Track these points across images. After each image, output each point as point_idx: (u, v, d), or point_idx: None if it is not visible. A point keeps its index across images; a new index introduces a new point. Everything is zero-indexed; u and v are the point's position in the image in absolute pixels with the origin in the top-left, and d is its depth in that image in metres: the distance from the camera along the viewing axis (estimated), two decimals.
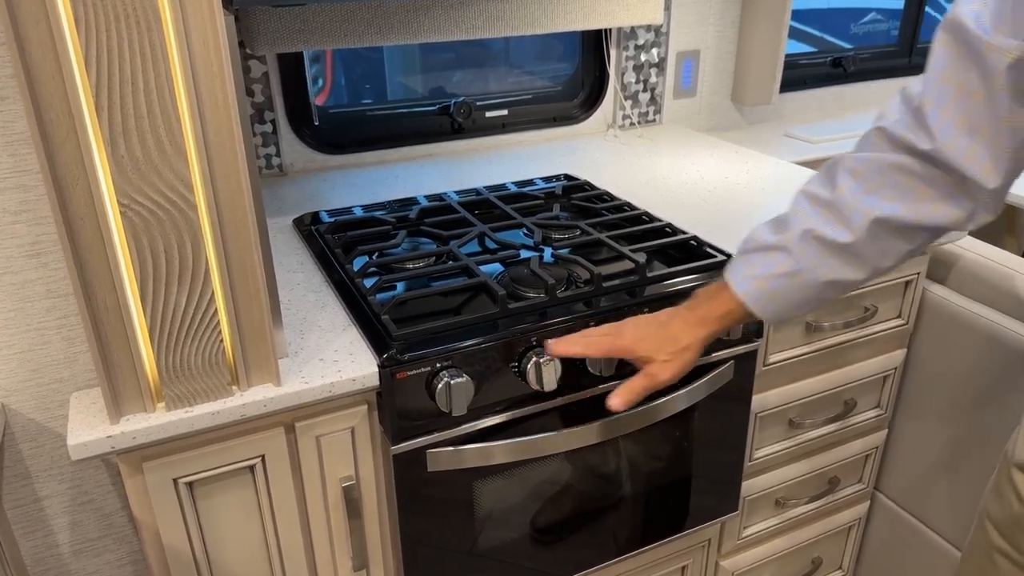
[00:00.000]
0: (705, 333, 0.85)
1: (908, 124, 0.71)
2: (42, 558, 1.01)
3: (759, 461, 1.26)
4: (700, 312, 0.85)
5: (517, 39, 1.70)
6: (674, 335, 0.85)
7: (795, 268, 0.78)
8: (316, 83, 1.94)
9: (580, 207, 1.30)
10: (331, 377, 0.86)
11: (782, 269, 0.79)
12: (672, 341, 0.85)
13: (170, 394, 0.80)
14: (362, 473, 0.94)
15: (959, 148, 0.69)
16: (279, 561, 0.94)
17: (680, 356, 0.85)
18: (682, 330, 0.85)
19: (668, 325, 0.86)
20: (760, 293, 0.81)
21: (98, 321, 0.75)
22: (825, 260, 0.77)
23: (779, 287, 0.80)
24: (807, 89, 2.01)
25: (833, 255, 0.77)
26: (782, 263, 0.79)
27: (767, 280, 0.80)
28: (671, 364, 0.85)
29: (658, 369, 0.85)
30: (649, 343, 0.86)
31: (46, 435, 0.94)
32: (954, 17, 0.68)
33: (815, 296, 0.80)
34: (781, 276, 0.79)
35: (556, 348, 0.91)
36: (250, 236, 0.77)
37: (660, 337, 0.85)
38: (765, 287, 0.80)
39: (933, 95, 0.69)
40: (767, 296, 0.81)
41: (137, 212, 0.72)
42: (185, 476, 0.84)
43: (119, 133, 0.69)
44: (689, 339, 0.85)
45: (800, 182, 1.41)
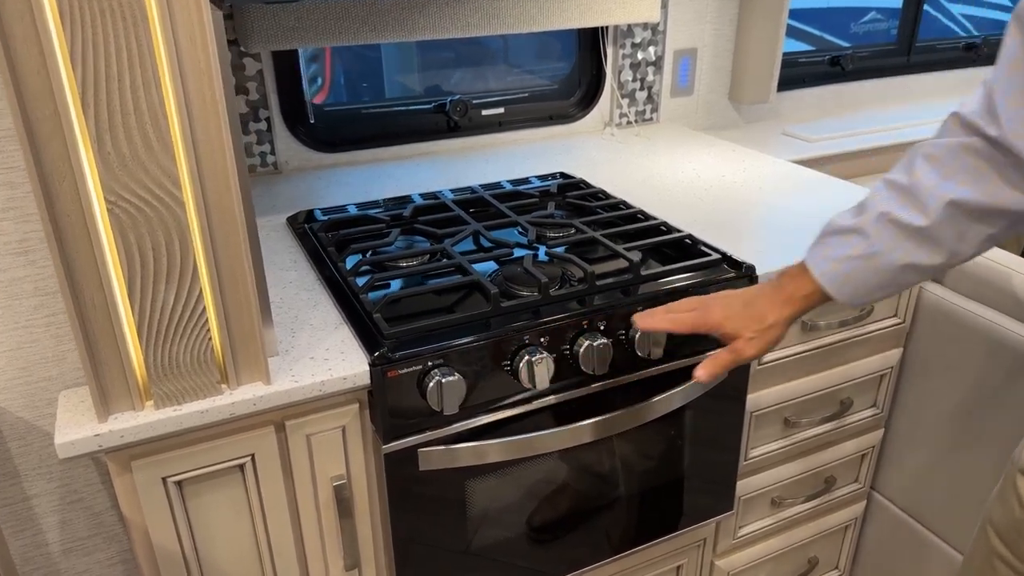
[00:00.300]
0: (790, 312, 0.85)
1: (980, 110, 0.73)
2: (31, 557, 1.00)
3: (754, 460, 1.25)
4: (785, 291, 0.85)
5: (514, 38, 1.69)
6: (760, 313, 0.86)
7: (870, 251, 0.79)
8: (315, 82, 1.94)
9: (575, 205, 1.29)
10: (322, 376, 0.86)
11: (857, 251, 0.80)
12: (758, 319, 0.86)
13: (158, 392, 0.79)
14: (353, 472, 0.94)
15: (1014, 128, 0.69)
16: (270, 560, 0.93)
17: (766, 334, 0.86)
18: (768, 308, 0.86)
19: (754, 303, 0.87)
20: (836, 275, 0.81)
21: (85, 319, 0.74)
22: (901, 243, 0.78)
23: (854, 269, 0.80)
24: (805, 88, 2.00)
25: (909, 238, 0.77)
26: (857, 245, 0.80)
27: (842, 262, 0.81)
28: (756, 341, 0.86)
29: (744, 345, 0.86)
30: (736, 321, 0.87)
31: (34, 433, 0.93)
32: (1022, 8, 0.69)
33: (892, 280, 0.80)
34: (856, 258, 0.80)
35: (643, 322, 0.92)
36: (239, 233, 0.77)
37: (747, 315, 0.86)
38: (840, 269, 0.81)
39: (1002, 83, 0.70)
40: (843, 278, 0.81)
41: (124, 209, 0.71)
42: (174, 475, 0.84)
43: (105, 130, 0.69)
44: (775, 317, 0.85)
45: (797, 181, 1.41)
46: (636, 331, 1.00)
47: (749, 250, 1.14)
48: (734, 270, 1.07)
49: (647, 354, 1.01)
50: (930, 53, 2.20)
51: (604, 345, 0.97)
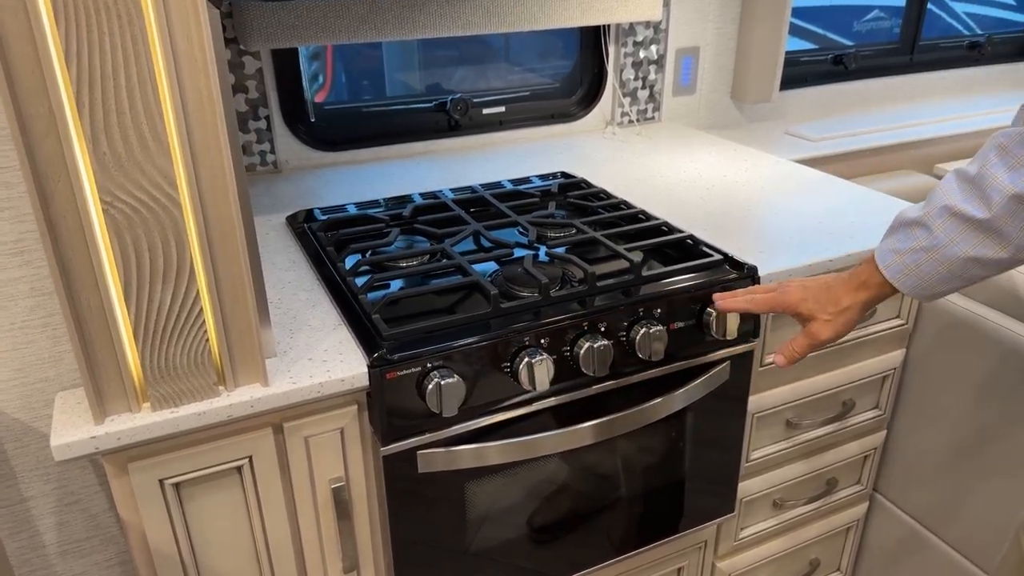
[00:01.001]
0: (865, 297, 0.86)
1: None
2: (28, 559, 1.00)
3: (756, 462, 1.24)
4: (859, 278, 0.86)
5: (515, 37, 1.68)
6: (836, 296, 0.87)
7: (932, 243, 0.79)
8: (316, 80, 1.93)
9: (576, 205, 1.28)
10: (320, 377, 0.85)
11: (920, 244, 0.80)
12: (834, 302, 0.87)
13: (155, 394, 0.79)
14: (352, 474, 0.93)
15: None
16: (268, 563, 0.93)
17: (840, 316, 0.87)
18: (843, 292, 0.87)
19: (831, 287, 0.88)
20: (900, 267, 0.82)
21: (81, 320, 0.74)
22: (964, 236, 0.77)
23: (917, 261, 0.80)
24: (808, 87, 1.99)
25: (972, 231, 0.76)
26: (920, 238, 0.80)
27: (906, 255, 0.81)
28: (831, 324, 0.87)
29: (819, 328, 0.88)
30: (812, 303, 0.88)
31: (31, 435, 0.93)
32: None
33: (957, 273, 0.79)
34: (919, 251, 0.80)
35: (723, 303, 0.94)
36: (236, 234, 0.76)
37: (823, 298, 0.88)
38: (904, 261, 0.81)
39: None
40: (906, 270, 0.81)
41: (120, 210, 0.71)
42: (171, 477, 0.83)
43: (101, 130, 0.68)
44: (850, 301, 0.86)
45: (799, 181, 1.41)
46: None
47: (751, 251, 1.13)
48: (736, 271, 1.06)
49: (648, 356, 1.00)
50: (934, 52, 2.19)
51: (605, 346, 0.96)
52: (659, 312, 1.01)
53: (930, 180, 1.83)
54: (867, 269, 0.85)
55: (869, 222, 1.22)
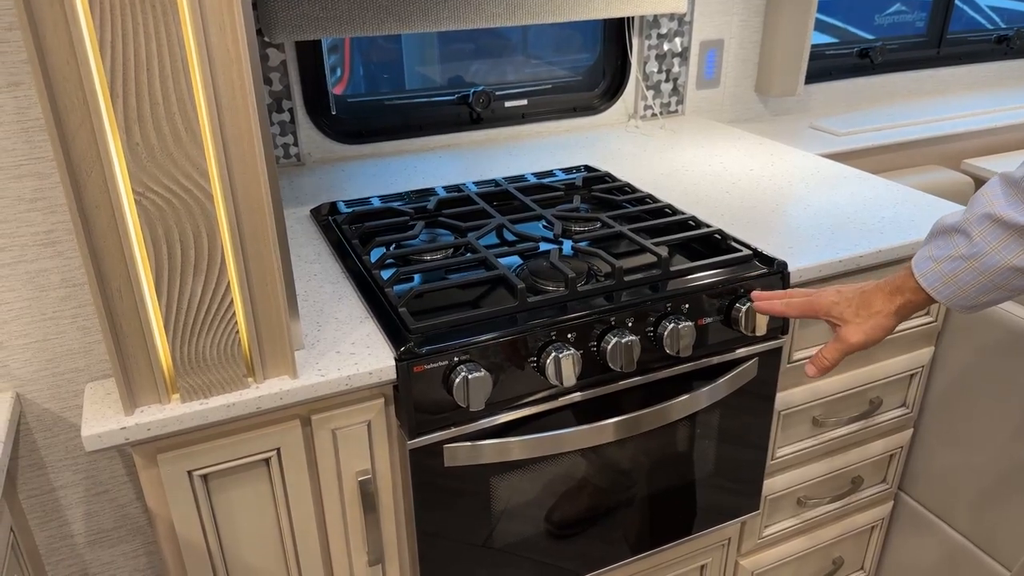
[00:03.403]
0: (899, 302, 0.84)
1: None
2: (56, 548, 1.00)
3: (781, 460, 1.23)
4: (895, 284, 0.84)
5: (538, 30, 1.67)
6: (869, 300, 0.85)
7: (972, 251, 0.76)
8: (334, 73, 1.92)
9: (601, 199, 1.27)
10: (348, 370, 0.85)
11: (959, 251, 0.77)
12: (866, 306, 0.85)
13: (185, 386, 0.79)
14: (378, 467, 0.93)
15: None
16: (294, 555, 0.93)
17: (871, 319, 0.85)
18: (876, 296, 0.85)
19: (865, 292, 0.86)
20: (937, 275, 0.79)
21: (112, 311, 0.74)
22: (1006, 244, 0.74)
23: (956, 270, 0.78)
24: (833, 80, 1.97)
25: (1015, 239, 0.73)
26: (959, 245, 0.77)
27: (944, 263, 0.78)
28: (862, 327, 0.85)
29: (849, 332, 0.86)
30: (844, 307, 0.87)
31: (61, 425, 0.93)
32: None
33: (998, 283, 0.76)
34: (958, 259, 0.77)
35: (760, 304, 0.93)
36: (267, 226, 0.76)
37: (856, 302, 0.86)
38: (941, 269, 0.79)
39: None
40: (944, 278, 0.79)
41: (152, 201, 0.71)
42: (200, 469, 0.83)
43: (134, 120, 0.68)
44: (882, 306, 0.84)
45: (826, 175, 1.39)
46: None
47: (780, 246, 1.11)
48: (765, 266, 1.05)
49: (676, 352, 0.99)
50: (961, 45, 2.16)
51: (632, 342, 0.95)
52: (687, 307, 1.00)
53: (957, 176, 1.80)
54: (903, 276, 0.83)
55: (900, 218, 1.21)
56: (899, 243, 1.13)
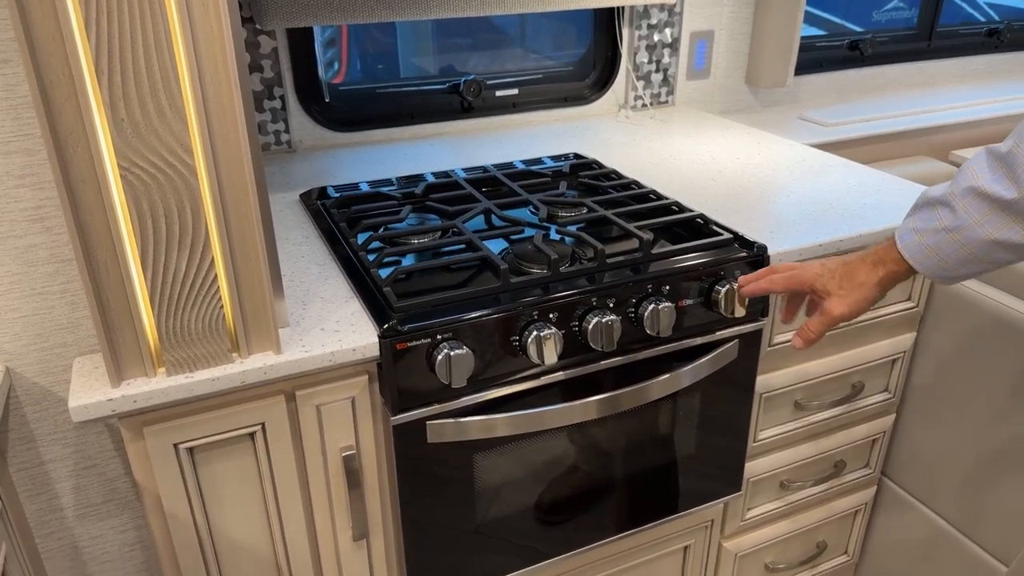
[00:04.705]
0: (882, 273, 0.85)
1: None
2: (46, 521, 1.02)
3: (763, 442, 1.25)
4: (878, 255, 0.85)
5: (529, 20, 1.69)
6: (852, 271, 0.86)
7: (955, 224, 0.77)
8: (332, 68, 1.94)
9: (587, 185, 1.29)
10: (332, 346, 0.87)
11: (942, 224, 0.78)
12: (849, 277, 0.86)
13: (171, 359, 0.80)
14: (363, 444, 0.95)
15: None
16: (279, 529, 0.95)
17: (855, 291, 0.86)
18: (860, 268, 0.86)
19: (848, 263, 0.88)
20: (920, 247, 0.80)
21: (99, 285, 0.75)
22: (989, 217, 0.75)
23: (938, 242, 0.78)
24: (823, 72, 1.98)
25: (999, 213, 0.74)
26: (943, 218, 0.78)
27: (927, 235, 0.79)
28: (845, 299, 0.86)
29: (833, 304, 0.87)
30: (827, 279, 0.88)
31: (50, 399, 0.95)
32: None
33: (979, 256, 0.77)
34: (941, 231, 0.78)
35: (746, 288, 0.95)
36: (250, 202, 0.77)
37: (839, 273, 0.87)
38: (924, 241, 0.80)
39: None
40: (926, 250, 0.80)
41: (137, 176, 0.72)
42: (186, 442, 0.85)
43: (119, 96, 0.69)
44: (865, 276, 0.85)
45: (812, 163, 1.40)
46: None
47: (762, 231, 1.13)
48: (745, 250, 1.07)
49: (656, 332, 1.01)
50: (951, 38, 2.17)
51: (613, 322, 0.97)
52: (668, 289, 1.02)
53: (946, 167, 1.82)
54: (886, 247, 0.84)
55: (882, 204, 1.22)
56: (880, 228, 1.14)
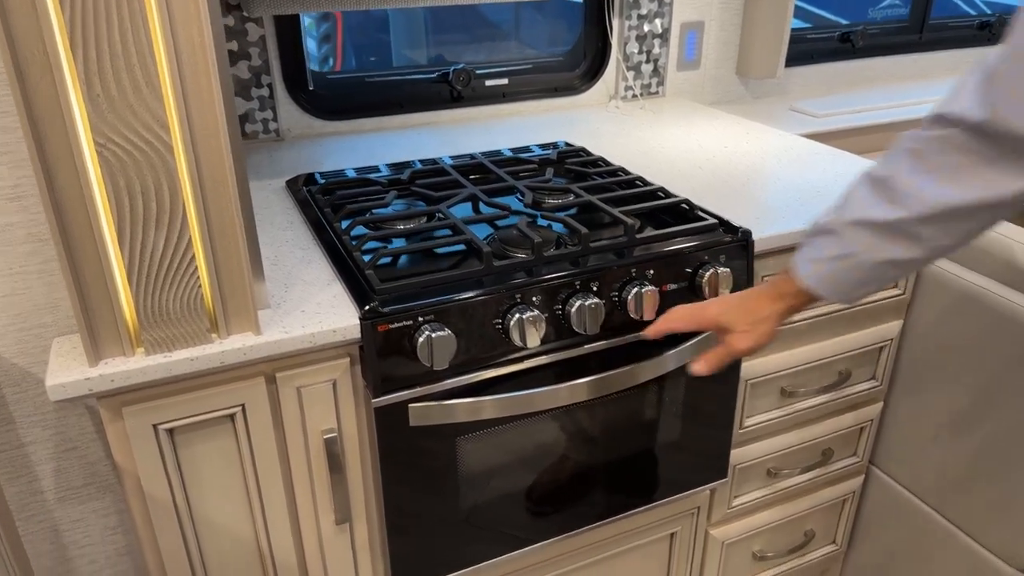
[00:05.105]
0: (783, 307, 0.86)
1: (970, 102, 0.70)
2: (27, 503, 1.02)
3: (750, 429, 1.25)
4: (778, 288, 0.87)
5: (520, 9, 1.68)
6: (754, 307, 0.87)
7: (845, 251, 0.79)
8: (327, 63, 1.94)
9: (574, 172, 1.29)
10: (312, 328, 0.86)
11: (833, 252, 0.80)
12: (752, 312, 0.87)
13: (149, 339, 0.80)
14: (345, 427, 0.94)
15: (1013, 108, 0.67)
16: (261, 512, 0.94)
17: (758, 327, 0.87)
18: (761, 303, 0.87)
19: (749, 298, 0.89)
20: (819, 276, 0.82)
21: (76, 263, 0.75)
22: (876, 242, 0.77)
23: (834, 270, 0.81)
24: (814, 64, 1.98)
25: (884, 236, 0.77)
26: (832, 246, 0.80)
27: (822, 263, 0.82)
28: (749, 335, 0.87)
29: (736, 339, 0.88)
30: (730, 315, 0.88)
31: (29, 380, 0.94)
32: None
33: (874, 276, 0.80)
34: (833, 259, 0.80)
35: (650, 332, 0.95)
36: (228, 180, 0.77)
37: (741, 309, 0.88)
38: (822, 270, 0.82)
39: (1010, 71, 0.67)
40: (825, 278, 0.82)
41: (113, 152, 0.72)
42: (165, 423, 0.84)
43: (94, 72, 0.69)
44: (767, 311, 0.87)
45: (801, 152, 1.40)
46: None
47: (747, 217, 1.13)
48: (730, 234, 1.07)
49: (640, 316, 1.01)
50: (943, 31, 2.17)
51: (596, 305, 0.96)
52: (651, 273, 1.02)
53: None
54: (784, 280, 0.86)
55: None
56: None
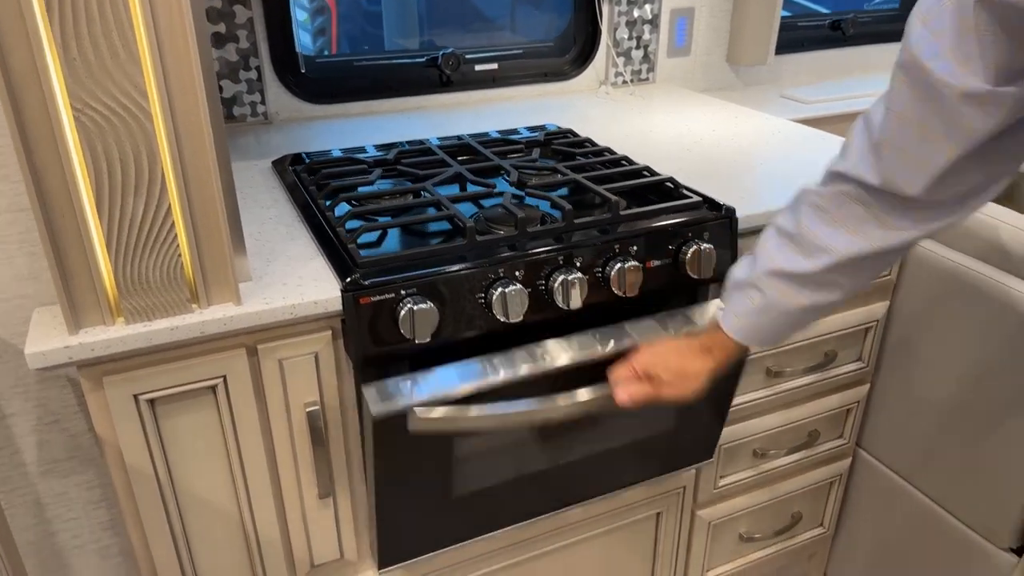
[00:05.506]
0: (711, 364, 0.89)
1: (859, 161, 0.74)
2: (9, 476, 1.02)
3: (735, 409, 1.25)
4: (703, 344, 0.89)
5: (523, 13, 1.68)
6: (681, 363, 0.90)
7: (767, 303, 0.82)
8: (322, 55, 1.94)
9: (561, 152, 1.29)
10: (293, 299, 0.87)
11: (755, 304, 0.83)
12: (679, 368, 0.90)
13: (128, 307, 0.80)
14: (327, 401, 0.95)
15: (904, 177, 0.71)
16: (244, 485, 0.94)
17: (687, 381, 0.90)
18: (689, 360, 0.90)
19: (678, 352, 0.91)
20: (744, 328, 0.86)
21: (54, 229, 0.75)
22: (794, 292, 0.81)
23: (758, 321, 0.84)
24: (805, 52, 1.98)
25: (801, 286, 0.80)
26: (754, 299, 0.83)
27: (745, 316, 0.85)
28: (678, 387, 0.90)
29: (664, 389, 0.90)
30: (658, 367, 0.90)
31: (10, 352, 0.94)
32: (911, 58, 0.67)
33: (797, 321, 0.84)
34: (756, 311, 0.84)
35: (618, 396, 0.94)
36: (206, 147, 0.77)
37: (669, 363, 0.90)
38: (746, 323, 0.85)
39: (890, 134, 0.71)
40: (750, 329, 0.85)
41: (91, 117, 0.72)
42: (146, 393, 0.85)
43: (71, 36, 0.69)
44: (696, 367, 0.89)
45: (789, 135, 1.40)
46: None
47: (732, 195, 1.13)
48: (715, 212, 1.07)
49: (623, 291, 1.01)
50: None
51: (579, 279, 0.97)
52: (635, 250, 1.02)
53: None
54: (711, 335, 0.88)
55: None
56: None
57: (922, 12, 0.66)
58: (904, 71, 0.68)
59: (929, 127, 0.67)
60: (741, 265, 0.87)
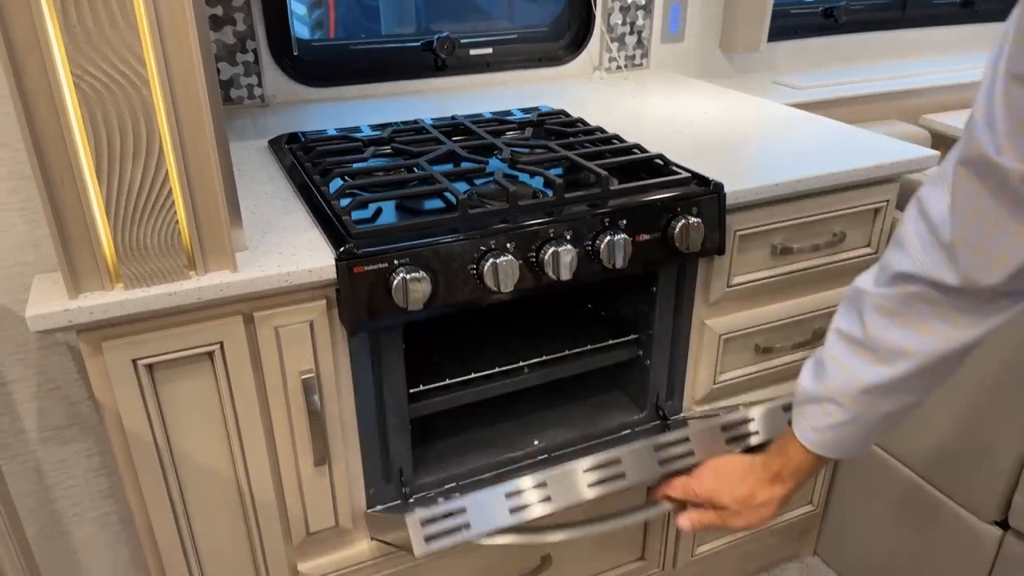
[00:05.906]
0: (781, 492, 0.85)
1: (929, 261, 0.70)
2: (9, 443, 1.04)
3: (724, 385, 1.27)
4: (772, 469, 0.85)
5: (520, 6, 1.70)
6: (750, 492, 0.86)
7: (849, 417, 0.79)
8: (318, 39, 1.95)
9: (553, 131, 1.31)
10: (288, 267, 0.88)
11: (838, 419, 0.79)
12: (747, 497, 0.86)
13: (127, 273, 0.82)
14: (322, 369, 0.96)
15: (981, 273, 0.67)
16: (240, 452, 0.96)
17: (755, 512, 0.86)
18: (758, 487, 0.86)
19: (743, 477, 0.87)
20: (825, 442, 0.82)
21: (55, 196, 0.77)
22: (874, 401, 0.77)
23: (841, 434, 0.80)
24: (797, 39, 2.00)
25: (883, 395, 0.77)
26: (836, 414, 0.79)
27: (827, 431, 0.81)
28: (743, 518, 0.87)
29: (731, 519, 0.87)
30: (725, 496, 0.87)
31: (11, 318, 0.96)
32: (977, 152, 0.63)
33: (883, 427, 0.80)
34: (840, 425, 0.80)
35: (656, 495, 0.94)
36: (203, 115, 0.79)
37: (736, 491, 0.87)
38: (828, 437, 0.81)
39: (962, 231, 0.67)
40: (833, 443, 0.81)
41: (90, 84, 0.74)
42: (144, 358, 0.86)
43: (71, 3, 0.71)
44: (765, 496, 0.85)
45: (780, 117, 1.42)
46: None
47: (721, 172, 1.15)
48: (703, 187, 1.09)
49: (612, 264, 1.03)
50: (926, 8, 2.19)
51: (569, 251, 0.98)
52: (624, 223, 1.04)
53: (916, 130, 1.84)
54: (785, 458, 0.84)
55: (839, 150, 1.24)
56: (837, 170, 1.16)
57: (981, 106, 0.63)
58: (968, 166, 0.65)
59: (1003, 219, 0.64)
60: (807, 375, 0.82)
